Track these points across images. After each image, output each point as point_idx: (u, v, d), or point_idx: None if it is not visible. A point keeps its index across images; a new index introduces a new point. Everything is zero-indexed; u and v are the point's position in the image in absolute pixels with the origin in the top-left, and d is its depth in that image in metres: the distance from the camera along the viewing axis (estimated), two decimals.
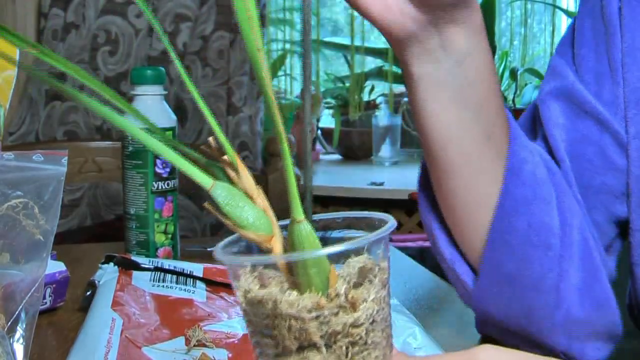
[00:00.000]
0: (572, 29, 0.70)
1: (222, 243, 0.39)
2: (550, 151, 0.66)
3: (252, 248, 0.39)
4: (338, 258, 0.37)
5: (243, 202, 0.37)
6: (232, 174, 0.38)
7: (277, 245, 0.37)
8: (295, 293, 0.36)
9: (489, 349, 0.40)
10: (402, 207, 1.98)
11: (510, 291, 0.61)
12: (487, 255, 0.61)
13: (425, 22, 0.54)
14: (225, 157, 0.38)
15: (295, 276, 0.37)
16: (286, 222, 0.37)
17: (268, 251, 0.38)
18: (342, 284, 0.36)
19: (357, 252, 0.37)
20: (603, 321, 0.63)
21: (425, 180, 0.65)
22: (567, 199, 0.62)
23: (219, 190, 0.37)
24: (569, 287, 0.61)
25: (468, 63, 0.56)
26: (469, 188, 0.61)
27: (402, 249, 1.27)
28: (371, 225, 0.40)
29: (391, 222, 0.39)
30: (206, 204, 0.37)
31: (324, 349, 0.36)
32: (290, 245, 0.37)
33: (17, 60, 0.66)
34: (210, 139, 0.39)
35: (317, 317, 0.35)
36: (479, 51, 0.56)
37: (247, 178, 0.38)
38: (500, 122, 0.60)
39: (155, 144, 0.37)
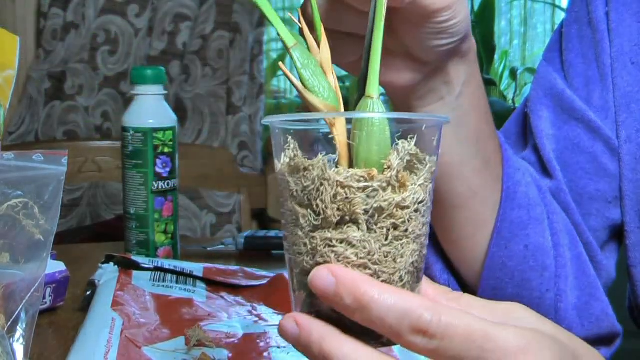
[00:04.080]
0: (559, 34, 0.70)
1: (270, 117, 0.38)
2: (541, 160, 0.66)
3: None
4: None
5: (319, 71, 0.38)
6: (314, 45, 0.38)
7: (339, 122, 0.37)
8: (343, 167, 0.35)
9: (524, 308, 0.39)
10: None
11: None
12: (484, 281, 0.61)
13: (430, 68, 0.52)
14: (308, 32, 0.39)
15: (354, 152, 0.36)
16: None
17: (330, 125, 0.37)
18: (396, 157, 0.35)
19: (414, 131, 0.36)
20: (603, 331, 0.63)
21: None
22: (557, 217, 0.62)
23: (299, 52, 0.37)
24: (567, 307, 0.61)
25: (466, 93, 0.55)
26: (474, 217, 0.60)
27: None
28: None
29: (447, 117, 0.39)
30: (280, 63, 0.38)
31: (365, 226, 0.35)
32: (356, 119, 0.37)
33: (17, 60, 0.66)
34: (292, 15, 0.40)
35: (364, 189, 0.34)
36: (473, 77, 0.55)
37: (327, 53, 0.38)
38: (494, 145, 0.60)
39: None
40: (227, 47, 1.96)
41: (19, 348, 0.55)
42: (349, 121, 0.37)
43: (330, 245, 0.35)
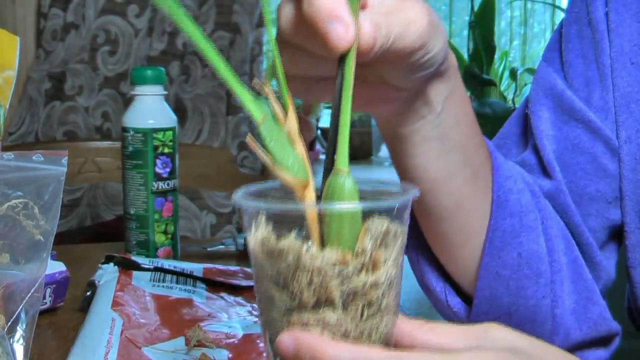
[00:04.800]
0: (559, 34, 0.70)
1: (239, 192, 0.39)
2: (541, 161, 0.66)
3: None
4: (365, 217, 0.37)
5: (287, 144, 0.38)
6: (280, 114, 0.38)
7: (310, 194, 0.37)
8: (316, 247, 0.36)
9: (499, 327, 0.40)
10: None
11: (506, 324, 0.61)
12: (479, 292, 0.61)
13: (409, 93, 0.51)
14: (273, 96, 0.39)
15: (325, 229, 0.36)
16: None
17: (300, 199, 0.37)
18: (369, 240, 0.36)
19: (386, 212, 0.37)
20: (601, 334, 0.63)
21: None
22: (551, 222, 0.62)
23: (267, 127, 0.37)
24: (564, 313, 0.61)
25: (448, 108, 0.54)
26: (462, 228, 0.60)
27: None
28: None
29: (417, 189, 0.39)
30: (248, 137, 0.38)
31: (340, 307, 0.35)
32: (327, 196, 0.37)
33: (17, 60, 0.66)
34: (258, 81, 0.40)
35: (339, 273, 0.35)
36: (455, 92, 0.54)
37: (293, 122, 0.38)
38: (482, 155, 0.59)
39: (224, 70, 0.37)
40: (227, 47, 1.96)
41: (19, 348, 0.55)
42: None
43: (306, 326, 0.36)
